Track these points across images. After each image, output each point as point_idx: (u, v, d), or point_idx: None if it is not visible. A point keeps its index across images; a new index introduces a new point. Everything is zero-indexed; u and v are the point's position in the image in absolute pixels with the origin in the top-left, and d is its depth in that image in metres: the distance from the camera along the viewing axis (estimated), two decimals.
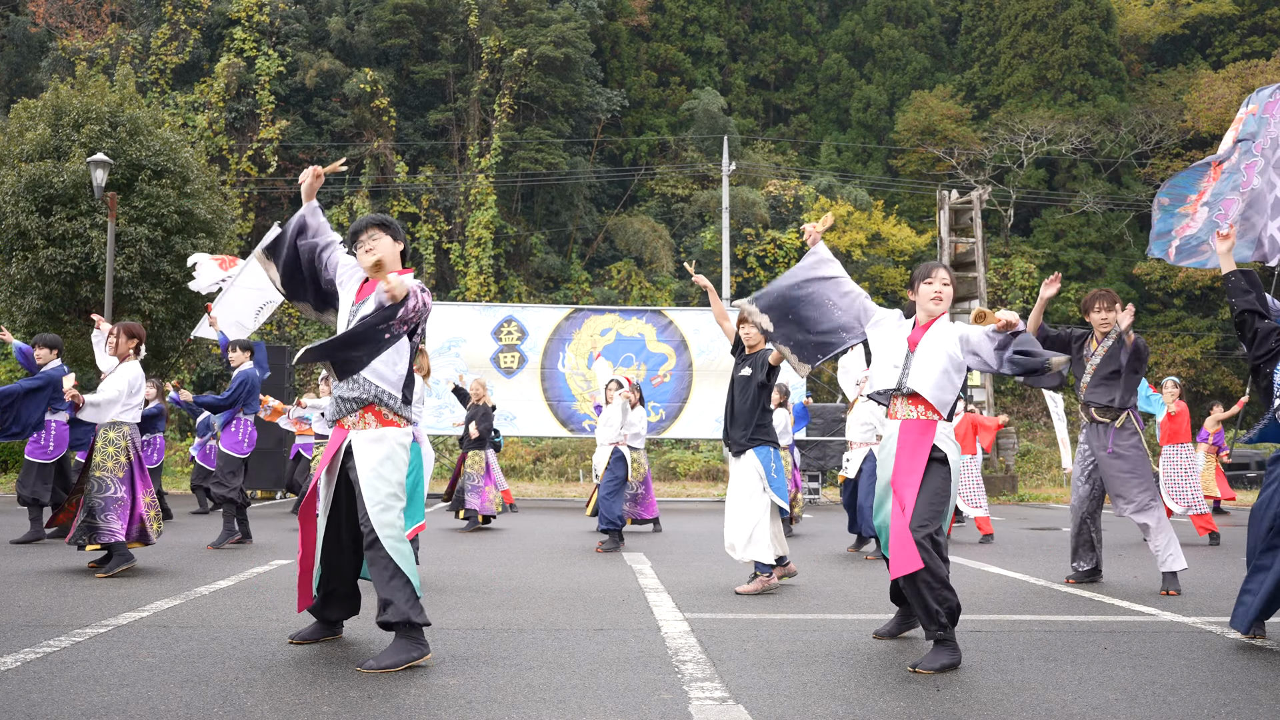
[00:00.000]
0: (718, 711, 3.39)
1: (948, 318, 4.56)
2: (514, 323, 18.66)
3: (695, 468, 24.56)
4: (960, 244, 23.37)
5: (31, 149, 18.34)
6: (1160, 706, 3.60)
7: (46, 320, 18.32)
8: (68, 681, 3.66)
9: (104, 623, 4.85)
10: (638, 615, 5.36)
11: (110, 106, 19.08)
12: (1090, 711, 3.50)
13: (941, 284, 4.51)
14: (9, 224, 17.92)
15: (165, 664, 3.97)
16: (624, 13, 36.87)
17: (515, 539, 10.05)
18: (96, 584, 6.24)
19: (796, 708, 3.47)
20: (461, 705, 3.43)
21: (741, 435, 6.44)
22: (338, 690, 3.62)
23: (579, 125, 34.19)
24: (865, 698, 3.63)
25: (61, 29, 32.51)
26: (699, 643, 4.58)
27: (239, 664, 4.01)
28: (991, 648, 4.61)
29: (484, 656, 4.24)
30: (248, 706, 3.36)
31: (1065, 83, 35.52)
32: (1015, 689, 3.81)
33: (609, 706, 3.44)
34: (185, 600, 5.63)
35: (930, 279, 4.53)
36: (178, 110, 30.64)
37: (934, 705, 3.53)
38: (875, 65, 38.27)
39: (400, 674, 3.89)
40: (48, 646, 4.27)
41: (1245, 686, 3.94)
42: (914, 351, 4.46)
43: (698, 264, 32.36)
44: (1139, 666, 4.27)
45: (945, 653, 4.13)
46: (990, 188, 28.57)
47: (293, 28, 32.92)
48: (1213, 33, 38.30)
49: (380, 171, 32.11)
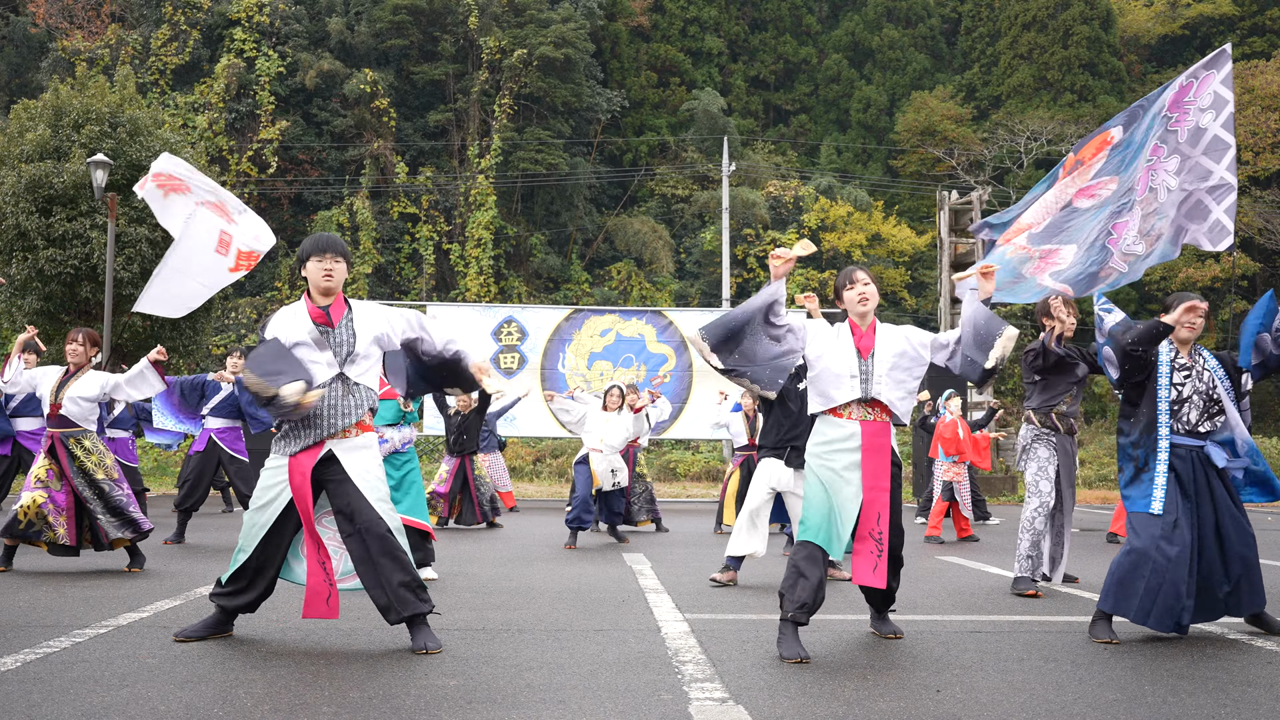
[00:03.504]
0: (718, 712, 3.39)
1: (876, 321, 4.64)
2: (514, 323, 18.66)
3: (695, 468, 24.56)
4: (960, 245, 23.35)
5: (31, 149, 18.33)
6: (1160, 707, 3.60)
7: (47, 320, 18.31)
8: (68, 682, 3.66)
9: (104, 623, 4.85)
10: (638, 616, 5.36)
11: (110, 107, 19.08)
12: (1090, 712, 3.50)
13: (863, 285, 4.57)
14: (9, 224, 17.91)
15: (165, 664, 3.98)
16: (624, 13, 36.86)
17: (515, 539, 10.05)
18: (96, 584, 6.24)
19: (797, 708, 3.47)
20: (462, 705, 3.43)
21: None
22: (337, 690, 3.62)
23: (579, 126, 34.19)
24: (865, 698, 3.63)
25: (61, 30, 32.51)
26: (699, 643, 4.58)
27: (238, 664, 4.01)
28: (991, 648, 4.61)
29: (484, 656, 4.24)
30: (247, 707, 3.36)
31: (1065, 83, 35.52)
32: (1015, 689, 3.81)
33: (609, 707, 3.44)
34: (185, 601, 5.63)
35: (852, 283, 4.58)
36: (178, 111, 30.64)
37: (934, 706, 3.53)
38: (875, 66, 38.27)
39: (400, 674, 3.89)
40: (48, 647, 4.27)
41: (1245, 686, 3.94)
42: (868, 359, 4.49)
43: (697, 264, 32.53)
44: (1139, 666, 4.27)
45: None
46: (990, 188, 28.54)
47: (293, 28, 32.92)
48: (1213, 33, 38.30)
49: (380, 172, 32.10)
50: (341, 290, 4.53)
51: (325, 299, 4.46)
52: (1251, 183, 32.63)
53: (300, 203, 32.44)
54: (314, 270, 4.43)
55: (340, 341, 4.40)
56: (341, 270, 4.44)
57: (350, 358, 4.40)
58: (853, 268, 4.66)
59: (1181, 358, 4.92)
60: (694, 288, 32.54)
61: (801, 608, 4.30)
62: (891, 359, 4.49)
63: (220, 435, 8.99)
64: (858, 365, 4.48)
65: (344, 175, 32.26)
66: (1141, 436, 4.88)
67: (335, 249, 4.44)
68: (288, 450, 4.39)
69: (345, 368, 4.39)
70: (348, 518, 4.36)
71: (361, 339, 4.43)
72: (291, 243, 31.92)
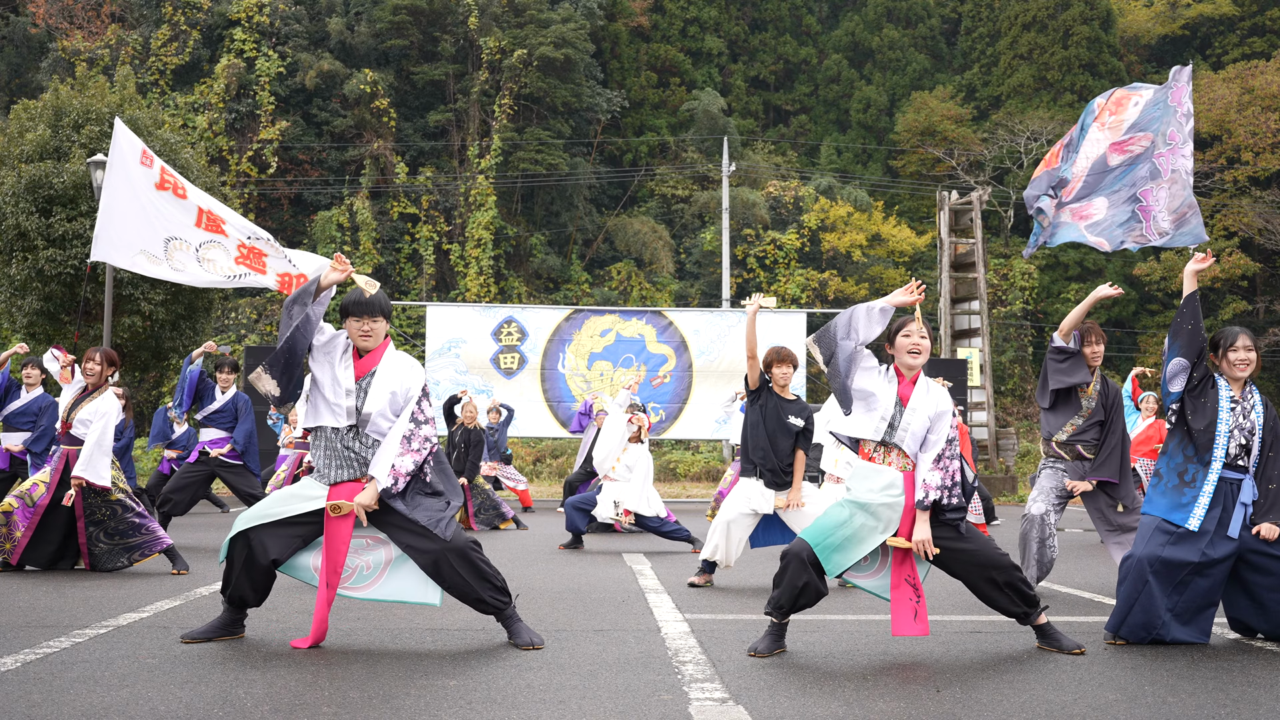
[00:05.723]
0: (717, 712, 3.39)
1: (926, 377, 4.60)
2: (514, 324, 18.66)
3: (695, 468, 24.58)
4: (960, 244, 23.38)
5: (31, 150, 18.33)
6: (1160, 707, 3.60)
7: (47, 321, 18.32)
8: (67, 682, 3.66)
9: (104, 624, 4.85)
10: (638, 616, 5.36)
11: (110, 107, 19.07)
12: (1089, 712, 3.51)
13: (920, 336, 4.52)
14: (9, 225, 17.91)
15: (165, 665, 3.98)
16: (624, 14, 36.86)
17: (516, 539, 10.05)
18: (96, 585, 6.24)
19: (796, 708, 3.47)
20: (461, 705, 3.43)
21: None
22: (337, 691, 3.62)
23: (579, 126, 34.20)
24: (864, 698, 3.63)
25: (61, 30, 32.51)
26: (699, 643, 4.59)
27: (238, 665, 4.01)
28: (991, 648, 4.61)
29: (483, 657, 4.24)
30: (247, 707, 3.36)
31: (1065, 83, 35.52)
32: (1014, 689, 3.81)
33: (609, 707, 3.44)
34: (185, 601, 5.64)
35: (908, 332, 4.52)
36: (178, 111, 30.64)
37: (934, 706, 3.54)
38: (875, 66, 38.27)
39: (400, 675, 3.89)
40: (48, 647, 4.27)
41: (1245, 686, 3.94)
42: (905, 407, 4.45)
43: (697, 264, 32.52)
44: (1139, 667, 4.27)
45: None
46: (990, 188, 28.58)
47: (293, 29, 32.92)
48: (1213, 34, 38.32)
49: (380, 172, 32.10)
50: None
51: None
52: (1251, 183, 32.62)
53: (300, 203, 32.45)
54: (353, 328, 4.49)
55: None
56: (381, 328, 4.50)
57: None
58: (910, 317, 4.54)
59: (1233, 391, 4.92)
60: (694, 288, 32.54)
61: (779, 609, 4.40)
62: (921, 418, 4.43)
63: (213, 446, 8.92)
64: (893, 410, 4.44)
65: (344, 175, 32.26)
66: (1196, 454, 4.87)
67: (373, 310, 4.46)
68: (325, 480, 4.46)
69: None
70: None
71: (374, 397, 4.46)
72: (292, 243, 31.92)
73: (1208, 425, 4.85)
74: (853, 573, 4.52)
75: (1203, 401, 4.88)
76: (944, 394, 4.55)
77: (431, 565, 4.39)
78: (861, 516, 4.40)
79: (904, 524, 4.41)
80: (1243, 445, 4.86)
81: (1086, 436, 6.23)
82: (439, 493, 4.49)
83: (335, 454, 4.44)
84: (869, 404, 4.48)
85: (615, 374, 18.34)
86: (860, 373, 4.49)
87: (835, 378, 4.51)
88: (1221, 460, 4.82)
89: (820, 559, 4.33)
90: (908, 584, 4.44)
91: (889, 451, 4.47)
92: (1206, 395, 4.88)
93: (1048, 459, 6.41)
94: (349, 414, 4.42)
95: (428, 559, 4.38)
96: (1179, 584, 4.72)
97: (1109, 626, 4.86)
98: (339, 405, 4.42)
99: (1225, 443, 4.83)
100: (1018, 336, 32.83)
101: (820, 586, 4.38)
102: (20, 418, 9.30)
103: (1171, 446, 4.99)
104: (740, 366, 15.38)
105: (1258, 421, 4.89)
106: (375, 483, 4.34)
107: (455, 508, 4.52)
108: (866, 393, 4.48)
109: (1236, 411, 4.87)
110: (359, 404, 4.43)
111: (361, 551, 4.52)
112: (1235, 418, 4.86)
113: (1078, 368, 6.15)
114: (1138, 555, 4.80)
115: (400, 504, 4.38)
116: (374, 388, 4.44)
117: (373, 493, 4.33)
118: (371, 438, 4.45)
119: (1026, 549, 6.27)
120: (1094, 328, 6.25)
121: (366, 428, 4.43)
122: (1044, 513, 6.24)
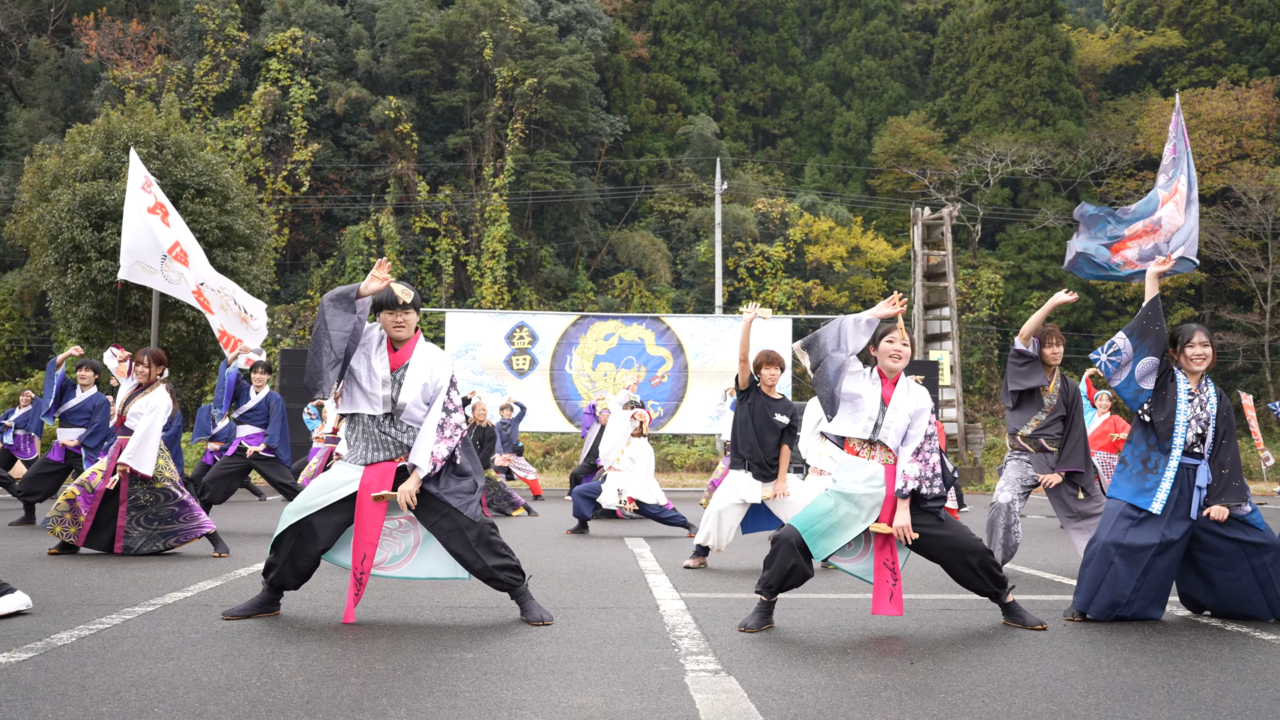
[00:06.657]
0: (711, 682, 3.40)
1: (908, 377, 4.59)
2: (525, 328, 18.66)
3: (690, 460, 24.62)
4: (932, 256, 23.37)
5: (85, 170, 18.36)
6: (1114, 678, 3.59)
7: (99, 326, 18.33)
8: (118, 655, 3.67)
9: (151, 602, 4.85)
10: (638, 595, 5.36)
11: (157, 131, 19.10)
12: (1050, 682, 3.50)
13: (902, 343, 4.50)
14: (65, 238, 17.93)
15: (207, 639, 3.98)
16: (625, 45, 36.88)
17: (526, 525, 10.05)
18: (145, 567, 6.24)
19: (782, 678, 3.48)
20: (477, 676, 3.43)
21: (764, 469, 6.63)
22: (364, 663, 3.62)
23: (584, 148, 34.21)
24: (845, 669, 3.64)
25: (112, 60, 32.51)
26: (694, 620, 4.58)
27: (274, 640, 4.01)
28: (960, 624, 4.61)
29: (498, 632, 4.24)
30: (282, 678, 3.37)
31: (1028, 109, 35.53)
32: (981, 661, 3.81)
33: (612, 678, 3.44)
34: (226, 581, 5.64)
35: (891, 339, 4.51)
36: (218, 134, 30.64)
37: (908, 676, 3.54)
38: (855, 94, 38.26)
39: (421, 648, 3.89)
40: (100, 624, 4.27)
41: (1192, 659, 3.94)
42: (888, 407, 4.44)
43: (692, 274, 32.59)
44: (1095, 641, 4.26)
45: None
46: (959, 205, 28.55)
47: (323, 59, 32.93)
48: (1163, 63, 38.32)
49: (403, 190, 32.11)
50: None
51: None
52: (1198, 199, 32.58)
53: (330, 218, 32.46)
54: (387, 321, 4.43)
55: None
56: (413, 319, 4.44)
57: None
58: (894, 323, 4.54)
59: (1189, 384, 4.90)
60: (689, 296, 32.54)
61: (768, 588, 4.39)
62: (902, 415, 4.43)
63: (250, 441, 8.93)
64: (878, 410, 4.44)
65: (370, 193, 32.27)
66: (1158, 443, 4.85)
67: (405, 304, 4.40)
68: (361, 460, 4.43)
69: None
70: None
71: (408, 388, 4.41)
72: (322, 255, 31.93)
73: (1167, 416, 4.84)
74: (838, 557, 4.52)
75: (1163, 394, 4.87)
76: (923, 393, 4.54)
77: (456, 543, 4.40)
78: (846, 506, 4.40)
79: (885, 512, 4.40)
80: (1199, 434, 4.84)
81: (1049, 431, 6.23)
82: (467, 474, 4.49)
83: (372, 438, 4.42)
84: (856, 405, 4.48)
85: (618, 374, 18.35)
86: (848, 377, 4.50)
87: (824, 385, 4.50)
88: (1180, 448, 4.81)
89: (808, 544, 4.33)
90: (886, 568, 4.44)
91: (873, 447, 4.47)
92: (1166, 389, 4.87)
93: (1013, 452, 6.40)
94: (385, 403, 4.40)
95: (453, 537, 4.39)
96: (1143, 566, 4.70)
97: (1076, 606, 4.81)
98: (375, 395, 4.40)
99: (1184, 432, 4.81)
100: (984, 340, 32.82)
101: (807, 569, 4.38)
102: (76, 415, 9.30)
103: (1136, 436, 4.97)
104: (731, 367, 15.39)
105: (1213, 412, 4.87)
106: (419, 471, 4.34)
107: (481, 488, 4.53)
108: (853, 395, 4.48)
109: (1194, 403, 4.85)
110: (394, 394, 4.40)
111: (395, 533, 4.54)
112: (1193, 409, 4.84)
113: (1035, 371, 6.15)
114: (1103, 539, 4.79)
115: (433, 487, 4.39)
116: (408, 379, 4.41)
117: (416, 481, 4.33)
118: (406, 424, 4.44)
119: (994, 534, 6.27)
120: (1054, 330, 6.24)
121: (401, 415, 4.42)
122: (1010, 501, 6.24)
